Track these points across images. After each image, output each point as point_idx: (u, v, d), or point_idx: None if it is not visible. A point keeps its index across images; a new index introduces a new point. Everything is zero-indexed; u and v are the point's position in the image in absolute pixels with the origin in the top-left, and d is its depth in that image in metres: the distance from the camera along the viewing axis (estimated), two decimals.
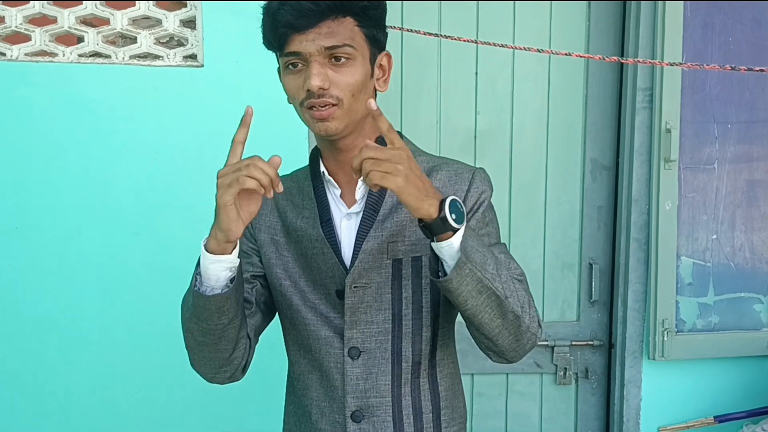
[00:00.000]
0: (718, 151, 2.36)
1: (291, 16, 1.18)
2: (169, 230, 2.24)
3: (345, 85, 1.23)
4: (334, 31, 1.20)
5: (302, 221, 1.35)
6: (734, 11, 2.31)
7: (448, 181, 1.33)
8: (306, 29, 1.19)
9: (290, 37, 1.20)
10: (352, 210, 1.33)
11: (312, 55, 1.20)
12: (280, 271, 1.37)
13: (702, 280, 2.37)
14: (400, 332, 1.34)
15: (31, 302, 2.23)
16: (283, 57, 1.24)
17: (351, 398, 1.34)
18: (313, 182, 1.36)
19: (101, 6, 2.20)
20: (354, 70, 1.23)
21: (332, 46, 1.20)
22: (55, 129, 2.18)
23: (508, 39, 2.39)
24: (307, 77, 1.20)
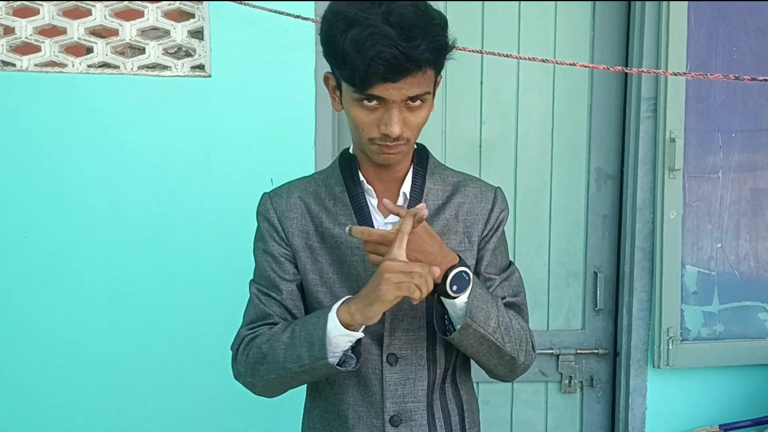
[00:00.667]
0: (722, 160, 2.36)
1: (385, 70, 1.18)
2: (177, 239, 2.25)
3: (416, 125, 1.29)
4: (419, 81, 1.23)
5: (339, 228, 1.37)
6: (738, 21, 2.32)
7: (474, 198, 1.43)
8: (395, 81, 1.21)
9: (376, 84, 1.21)
10: (389, 220, 1.37)
11: (395, 102, 1.23)
12: (316, 276, 1.39)
13: (707, 288, 2.38)
14: (434, 340, 1.39)
15: (40, 310, 2.25)
16: (360, 94, 1.24)
17: (390, 403, 1.37)
18: (349, 189, 1.38)
19: (110, 17, 2.22)
20: (424, 111, 1.29)
21: (415, 95, 1.24)
22: (64, 138, 2.20)
23: (512, 49, 2.41)
24: (387, 123, 1.24)
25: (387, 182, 1.39)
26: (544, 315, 2.51)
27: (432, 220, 1.37)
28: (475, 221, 1.42)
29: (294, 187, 1.44)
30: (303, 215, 1.40)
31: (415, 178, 1.40)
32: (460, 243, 1.40)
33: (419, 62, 1.20)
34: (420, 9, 1.21)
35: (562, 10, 2.44)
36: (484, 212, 1.42)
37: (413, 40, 1.17)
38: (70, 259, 2.24)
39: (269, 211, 1.41)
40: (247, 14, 2.15)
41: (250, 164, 2.24)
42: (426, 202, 1.38)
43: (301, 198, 1.41)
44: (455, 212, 1.41)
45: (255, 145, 2.24)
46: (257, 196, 2.21)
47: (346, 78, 1.25)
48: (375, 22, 1.17)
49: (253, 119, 2.23)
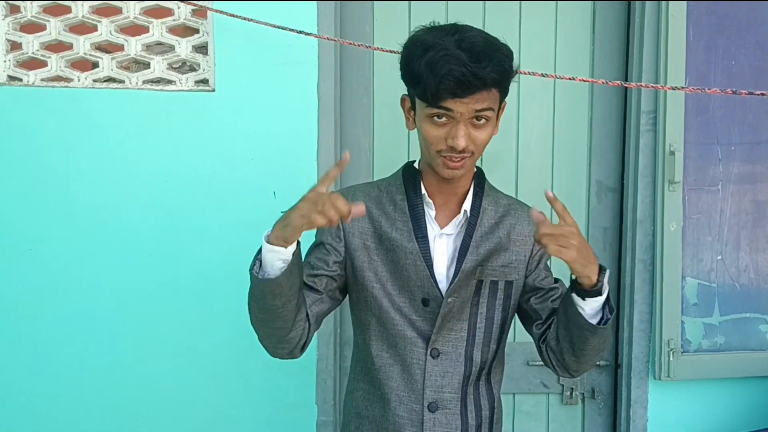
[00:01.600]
0: (722, 172, 2.38)
1: (456, 88, 1.35)
2: (181, 252, 2.27)
3: (480, 142, 1.44)
4: (484, 99, 1.39)
5: (396, 232, 1.53)
6: (737, 35, 2.34)
7: (524, 221, 1.59)
8: (463, 97, 1.37)
9: (446, 99, 1.37)
10: (445, 231, 1.55)
11: (462, 115, 1.39)
12: (371, 274, 1.55)
13: (707, 300, 2.39)
14: (472, 341, 1.57)
15: (44, 323, 2.26)
16: (431, 108, 1.40)
17: (429, 391, 1.55)
18: (409, 198, 1.54)
19: (116, 33, 2.25)
20: (489, 128, 1.45)
21: (481, 109, 1.39)
22: (69, 152, 2.23)
23: None
24: (454, 136, 1.40)
25: (447, 197, 1.55)
26: None
27: (487, 236, 1.55)
28: (524, 242, 1.58)
29: (358, 190, 1.60)
30: (363, 218, 1.54)
31: (475, 199, 1.56)
32: (509, 259, 1.57)
33: (485, 81, 1.35)
34: (488, 39, 1.40)
35: (562, 24, 2.47)
36: (532, 233, 1.56)
37: (480, 62, 1.34)
38: (75, 271, 2.26)
39: None
40: (250, 29, 2.18)
41: (253, 177, 2.26)
42: (481, 220, 1.55)
43: (364, 201, 1.50)
44: (507, 232, 1.57)
45: (258, 158, 2.26)
46: (261, 209, 2.25)
47: (420, 95, 1.41)
48: (448, 46, 1.35)
49: (257, 133, 2.26)
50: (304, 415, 2.33)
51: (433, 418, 1.55)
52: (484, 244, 1.54)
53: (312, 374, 2.30)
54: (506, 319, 1.61)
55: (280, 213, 1.38)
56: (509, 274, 1.58)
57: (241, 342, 2.31)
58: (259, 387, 2.33)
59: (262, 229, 2.24)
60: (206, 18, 2.24)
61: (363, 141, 2.42)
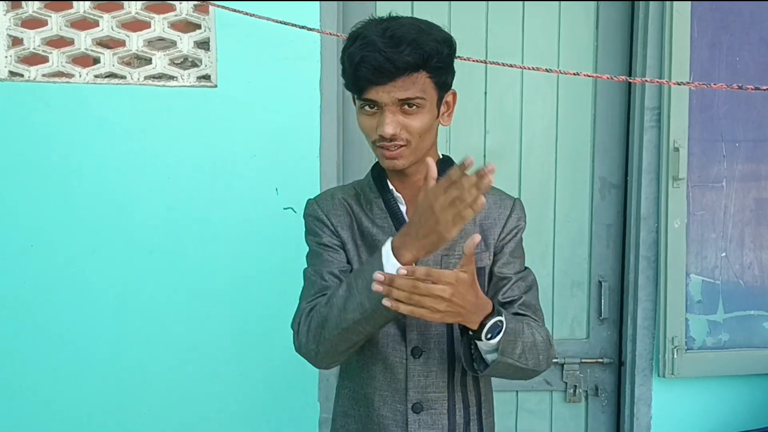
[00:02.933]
0: (726, 169, 2.37)
1: (370, 74, 1.32)
2: (183, 249, 2.26)
3: (414, 129, 1.39)
4: (408, 85, 1.34)
5: (377, 229, 1.49)
6: (742, 31, 2.33)
7: (494, 204, 1.53)
8: (383, 84, 1.33)
9: (368, 88, 1.35)
10: None
11: (386, 105, 1.36)
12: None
13: (711, 297, 2.38)
14: (451, 336, 1.50)
15: (47, 319, 2.26)
16: (359, 100, 1.39)
17: (413, 392, 1.49)
18: (382, 196, 1.51)
19: (117, 28, 2.24)
20: (422, 116, 1.39)
21: (405, 98, 1.35)
22: (71, 148, 2.22)
23: (516, 59, 2.42)
24: (381, 124, 1.37)
25: (412, 191, 1.49)
26: (548, 324, 2.49)
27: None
28: (492, 225, 1.52)
29: (336, 190, 1.57)
30: (347, 213, 1.52)
31: None
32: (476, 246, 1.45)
33: (397, 65, 1.31)
34: (419, 26, 1.35)
35: (565, 20, 2.46)
36: (502, 218, 1.53)
37: (398, 47, 1.31)
38: (77, 268, 2.25)
39: (317, 210, 1.53)
40: (252, 25, 2.17)
41: (255, 174, 2.25)
42: None
43: (344, 199, 1.53)
44: (475, 219, 1.50)
45: (260, 154, 2.25)
46: (262, 206, 2.24)
47: (347, 87, 1.40)
48: (369, 35, 1.33)
49: (259, 129, 2.25)
50: (306, 412, 2.32)
51: (418, 419, 1.49)
52: None
53: (314, 371, 2.29)
54: None
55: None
56: (479, 261, 1.49)
57: (244, 339, 2.31)
58: (261, 384, 2.32)
59: (264, 226, 2.25)
60: (208, 14, 2.24)
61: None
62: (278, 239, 2.26)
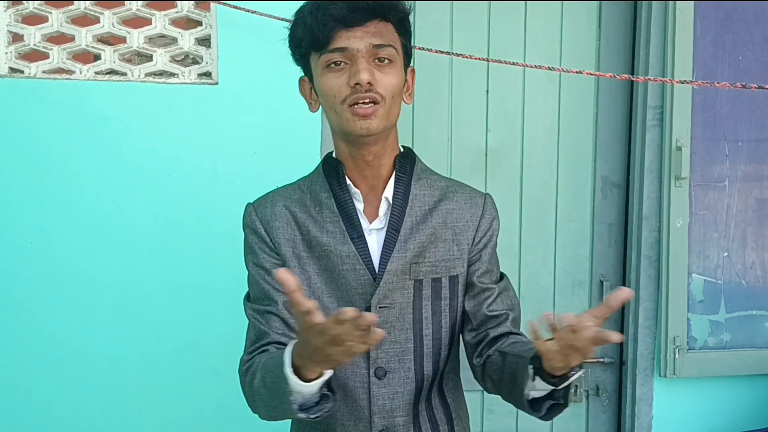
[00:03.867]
0: (728, 168, 2.36)
1: (344, 11, 1.22)
2: (183, 247, 2.25)
3: (388, 84, 1.26)
4: (381, 32, 1.26)
5: (327, 236, 1.33)
6: (745, 30, 2.33)
7: (464, 204, 1.39)
8: (355, 26, 1.24)
9: (337, 33, 1.24)
10: (373, 226, 1.35)
11: (359, 51, 1.24)
12: (304, 287, 1.32)
13: (713, 297, 2.37)
14: (421, 352, 1.36)
15: (46, 316, 2.25)
16: (326, 54, 1.25)
17: (378, 418, 1.35)
18: (335, 195, 1.35)
19: (118, 25, 2.23)
20: (395, 71, 1.28)
21: (379, 44, 1.25)
22: (71, 145, 2.21)
23: (518, 57, 2.41)
24: (355, 72, 1.23)
25: (371, 183, 1.35)
26: None
27: (418, 228, 1.34)
28: (465, 228, 1.38)
29: (278, 195, 1.41)
30: (289, 224, 1.36)
31: (398, 184, 1.36)
32: (449, 251, 1.37)
33: (373, 5, 1.24)
34: None
35: (567, 19, 2.45)
36: (474, 219, 1.39)
37: None
38: (77, 264, 2.24)
39: (255, 222, 1.39)
40: (254, 22, 2.16)
41: (256, 171, 2.24)
42: (412, 208, 1.35)
43: (286, 206, 1.37)
44: (443, 219, 1.37)
45: (261, 152, 2.25)
46: None
47: (311, 45, 1.27)
48: None
49: (260, 126, 2.24)
50: None
51: None
52: (414, 237, 1.33)
53: None
54: (455, 320, 1.39)
55: None
56: (452, 268, 1.36)
57: (243, 336, 2.30)
58: None
59: None
60: (209, 10, 2.23)
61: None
62: None
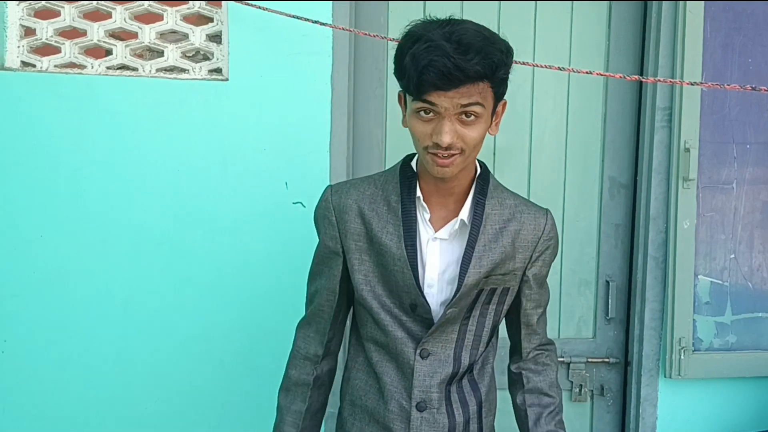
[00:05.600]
0: (736, 171, 2.36)
1: (437, 79, 1.29)
2: (192, 242, 2.26)
3: (470, 139, 1.37)
4: (471, 93, 1.33)
5: (386, 237, 1.50)
6: (755, 32, 2.33)
7: (529, 225, 1.56)
8: (447, 90, 1.31)
9: (431, 92, 1.32)
10: (438, 235, 1.51)
11: (447, 111, 1.33)
12: (361, 276, 1.54)
13: (719, 299, 2.38)
14: (461, 343, 1.57)
15: (54, 309, 2.26)
16: (417, 102, 1.35)
17: (417, 391, 1.55)
18: (403, 200, 1.49)
19: (130, 20, 2.24)
20: (479, 126, 1.38)
21: (467, 104, 1.33)
22: (81, 139, 2.22)
23: (528, 58, 2.42)
24: (439, 132, 1.34)
25: (443, 197, 1.51)
26: (555, 323, 2.51)
27: (490, 246, 1.50)
28: (527, 248, 1.55)
29: (353, 188, 1.56)
30: (356, 218, 1.52)
31: (476, 206, 1.51)
32: (512, 267, 1.55)
33: (468, 74, 1.29)
34: (482, 32, 1.34)
35: (577, 19, 2.45)
36: (535, 239, 1.56)
37: (467, 54, 1.29)
38: (86, 259, 2.26)
39: (329, 207, 1.55)
40: (265, 19, 2.17)
41: (265, 168, 2.25)
42: (485, 227, 1.50)
43: (357, 202, 1.53)
44: (512, 239, 1.53)
45: (271, 149, 2.25)
46: (272, 200, 2.25)
47: (405, 88, 1.38)
48: (434, 38, 1.30)
49: (270, 123, 2.25)
50: None
51: (420, 417, 1.55)
52: (487, 255, 1.51)
53: None
54: (497, 322, 1.62)
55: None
56: (508, 282, 1.56)
57: (250, 332, 2.31)
58: (268, 376, 2.31)
59: (273, 220, 2.25)
60: (221, 7, 2.24)
61: (376, 132, 2.41)
62: (287, 233, 2.26)
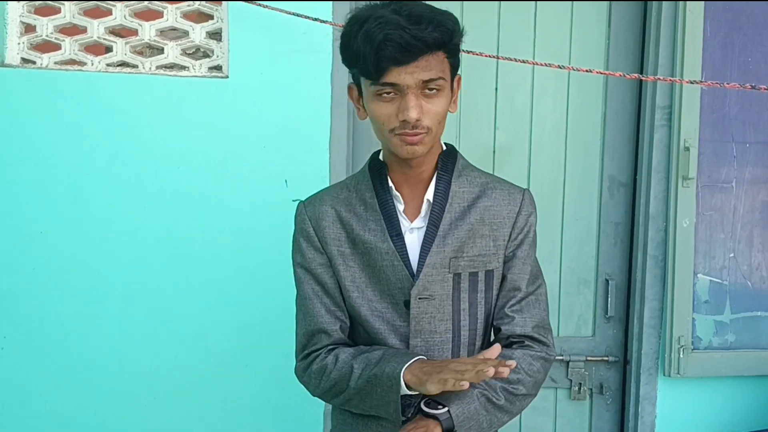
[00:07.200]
0: (736, 170, 2.37)
1: (396, 52, 1.27)
2: (191, 239, 2.27)
3: (435, 114, 1.34)
4: (431, 65, 1.31)
5: (369, 234, 1.44)
6: (754, 32, 2.33)
7: (502, 200, 1.48)
8: (407, 63, 1.28)
9: (389, 69, 1.29)
10: (414, 225, 1.45)
11: (410, 87, 1.30)
12: (349, 283, 1.47)
13: (718, 298, 2.38)
14: (458, 341, 1.47)
15: (54, 307, 2.26)
16: (376, 86, 1.32)
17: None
18: (378, 195, 1.45)
19: (130, 17, 2.24)
20: (442, 99, 1.35)
21: (429, 79, 1.31)
22: (81, 136, 2.22)
23: (528, 55, 2.42)
24: (404, 109, 1.31)
25: (413, 186, 1.45)
26: (554, 321, 2.51)
27: (456, 224, 1.43)
28: (502, 224, 1.47)
29: (326, 195, 1.51)
30: (335, 223, 1.47)
31: (439, 183, 1.45)
32: (486, 246, 1.46)
33: (426, 42, 1.27)
34: (428, 5, 1.31)
35: (577, 18, 2.45)
36: (512, 215, 1.47)
37: (420, 24, 1.27)
38: (85, 256, 2.26)
39: (305, 220, 1.50)
40: (265, 16, 2.17)
41: (265, 165, 2.25)
42: (451, 204, 1.44)
43: (333, 206, 1.48)
44: (481, 215, 1.45)
45: (270, 146, 2.25)
46: (272, 198, 2.25)
47: (362, 72, 1.33)
48: (385, 14, 1.28)
49: (270, 121, 2.25)
50: (311, 404, 2.31)
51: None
52: (453, 233, 1.43)
53: None
54: (490, 312, 1.50)
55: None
56: (488, 263, 1.46)
57: (249, 330, 2.31)
58: (267, 375, 2.32)
59: (273, 217, 2.25)
60: (221, 4, 2.24)
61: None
62: (286, 231, 2.22)
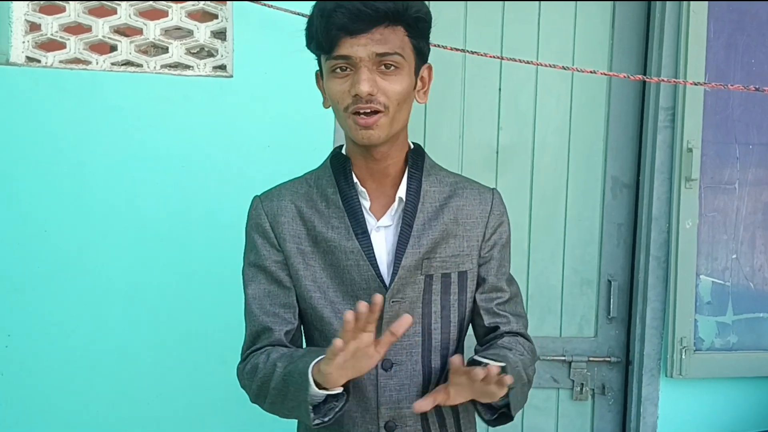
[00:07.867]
0: (739, 171, 2.37)
1: (346, 19, 1.19)
2: (194, 237, 2.27)
3: (392, 92, 1.24)
4: (386, 39, 1.22)
5: (332, 232, 1.34)
6: (758, 33, 2.33)
7: (474, 200, 1.40)
8: (359, 33, 1.20)
9: (342, 40, 1.21)
10: (381, 223, 1.36)
11: (362, 60, 1.22)
12: (309, 282, 1.36)
13: (721, 299, 2.38)
14: (429, 346, 1.37)
15: (57, 304, 2.26)
16: (330, 60, 1.24)
17: (385, 409, 1.35)
18: (341, 191, 1.35)
19: (135, 16, 2.25)
20: (401, 78, 1.25)
21: (383, 53, 1.22)
22: (86, 135, 2.22)
23: (531, 56, 2.42)
24: (356, 82, 1.22)
25: (379, 181, 1.36)
26: (557, 322, 2.52)
27: (430, 224, 1.35)
28: (475, 225, 1.39)
29: (284, 189, 1.41)
30: (294, 219, 1.37)
31: (411, 181, 1.36)
32: (459, 247, 1.38)
33: (378, 11, 1.20)
34: None
35: (581, 19, 2.46)
36: (484, 215, 1.40)
37: None
38: (89, 255, 2.26)
39: (261, 215, 1.38)
40: (269, 16, 2.17)
41: (269, 164, 2.25)
42: (423, 204, 1.36)
43: (292, 201, 1.38)
44: (454, 215, 1.38)
45: (275, 145, 2.26)
46: None
47: (318, 47, 1.26)
48: None
49: (274, 120, 2.25)
50: None
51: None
52: (427, 233, 1.34)
53: None
54: (464, 315, 1.41)
55: None
56: (461, 264, 1.38)
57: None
58: None
59: None
60: (226, 4, 2.24)
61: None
62: None
